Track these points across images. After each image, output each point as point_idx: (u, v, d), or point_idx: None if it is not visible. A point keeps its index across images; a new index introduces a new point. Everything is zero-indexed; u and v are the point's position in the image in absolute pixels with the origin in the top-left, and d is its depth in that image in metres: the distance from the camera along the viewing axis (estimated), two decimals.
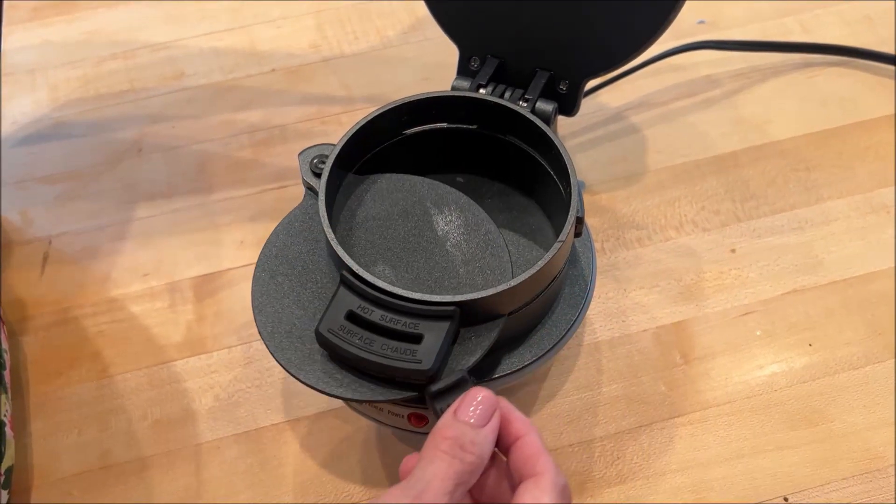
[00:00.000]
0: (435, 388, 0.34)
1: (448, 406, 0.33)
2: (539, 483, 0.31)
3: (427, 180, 0.43)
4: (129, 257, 0.54)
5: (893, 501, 0.42)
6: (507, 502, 0.31)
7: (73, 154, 0.59)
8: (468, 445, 0.32)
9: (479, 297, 0.35)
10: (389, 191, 0.42)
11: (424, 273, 0.40)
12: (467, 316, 0.36)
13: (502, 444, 0.34)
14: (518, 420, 0.34)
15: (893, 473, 0.43)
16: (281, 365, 0.37)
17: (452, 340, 0.36)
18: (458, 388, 0.34)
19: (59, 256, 0.54)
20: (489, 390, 0.34)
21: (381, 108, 0.42)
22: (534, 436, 0.33)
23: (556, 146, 0.39)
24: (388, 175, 0.43)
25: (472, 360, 0.36)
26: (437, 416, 0.34)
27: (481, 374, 0.40)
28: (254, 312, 0.38)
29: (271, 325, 0.38)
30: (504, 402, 0.34)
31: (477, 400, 0.33)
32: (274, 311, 0.38)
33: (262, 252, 0.40)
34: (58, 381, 0.49)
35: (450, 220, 0.41)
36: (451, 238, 0.41)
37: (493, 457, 0.34)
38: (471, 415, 0.33)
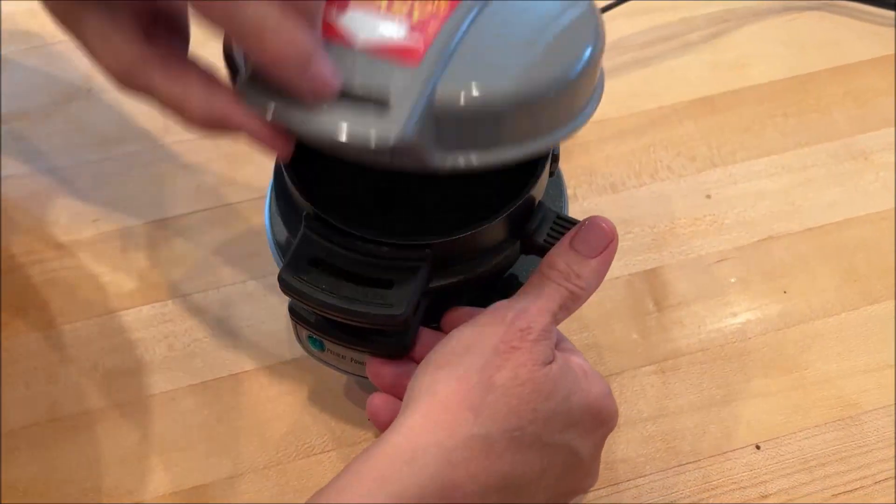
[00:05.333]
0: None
1: None
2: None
3: None
4: (78, 202, 0.51)
5: (865, 448, 0.42)
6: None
7: (19, 93, 0.56)
8: (573, 278, 0.33)
9: (453, 238, 0.33)
10: None
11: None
12: (441, 258, 0.35)
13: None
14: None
15: (865, 421, 0.42)
16: None
17: (425, 283, 0.34)
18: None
19: (3, 201, 0.51)
20: (607, 219, 0.35)
21: None
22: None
23: None
24: None
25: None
26: None
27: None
28: None
29: None
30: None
31: (592, 229, 0.34)
32: None
33: None
34: (3, 333, 0.46)
35: None
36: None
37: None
38: (582, 245, 0.34)
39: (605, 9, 0.55)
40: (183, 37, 0.31)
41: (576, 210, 0.50)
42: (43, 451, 0.43)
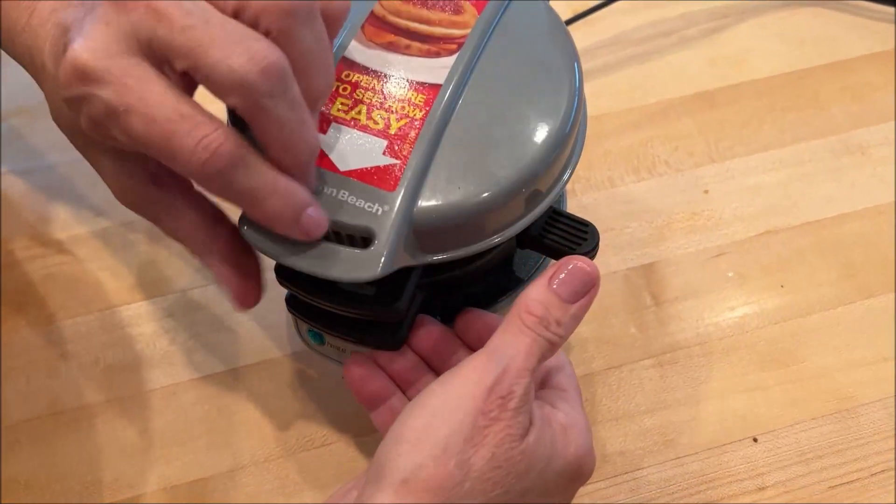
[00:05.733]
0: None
1: None
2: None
3: None
4: (79, 197, 0.51)
5: (861, 441, 0.42)
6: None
7: (19, 90, 0.56)
8: (553, 326, 0.31)
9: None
10: None
11: None
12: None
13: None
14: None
15: (862, 413, 0.43)
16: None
17: (421, 276, 0.34)
18: None
19: (3, 197, 0.51)
20: (591, 261, 0.32)
21: None
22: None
23: None
24: None
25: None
26: None
27: (446, 311, 0.38)
28: None
29: None
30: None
31: (575, 272, 0.32)
32: None
33: None
34: (3, 328, 0.46)
35: None
36: None
37: None
38: (563, 288, 0.31)
39: (601, 6, 0.56)
40: (186, 183, 0.33)
41: (574, 205, 0.50)
42: (44, 446, 0.43)
